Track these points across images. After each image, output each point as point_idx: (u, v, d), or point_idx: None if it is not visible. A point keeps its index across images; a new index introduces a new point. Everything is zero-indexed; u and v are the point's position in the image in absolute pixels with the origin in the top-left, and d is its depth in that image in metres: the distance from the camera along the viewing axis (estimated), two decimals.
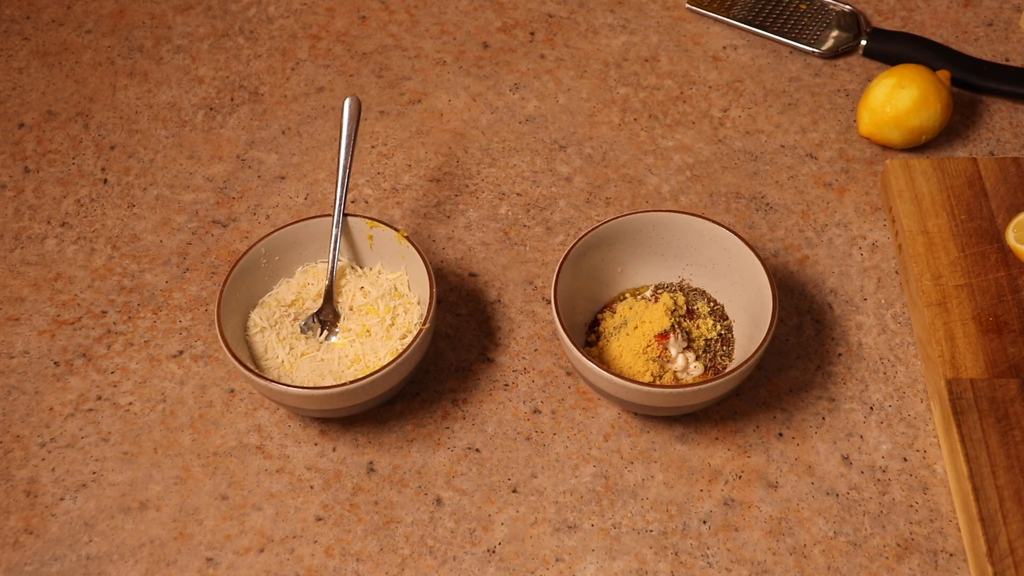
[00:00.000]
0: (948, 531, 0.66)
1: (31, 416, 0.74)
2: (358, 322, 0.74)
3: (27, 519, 0.70)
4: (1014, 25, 0.95)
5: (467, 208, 0.85)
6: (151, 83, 0.95)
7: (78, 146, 0.91)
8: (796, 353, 0.75)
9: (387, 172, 0.88)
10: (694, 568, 0.66)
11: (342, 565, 0.67)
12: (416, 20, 0.99)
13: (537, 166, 0.87)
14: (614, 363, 0.71)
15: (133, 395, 0.75)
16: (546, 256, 0.82)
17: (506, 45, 0.97)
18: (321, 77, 0.95)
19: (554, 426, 0.72)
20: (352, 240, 0.76)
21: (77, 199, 0.87)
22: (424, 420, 0.73)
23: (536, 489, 0.70)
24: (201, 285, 0.81)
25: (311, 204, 0.86)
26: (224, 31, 0.99)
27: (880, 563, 0.65)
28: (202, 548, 0.68)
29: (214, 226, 0.85)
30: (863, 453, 0.70)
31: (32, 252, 0.84)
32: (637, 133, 0.89)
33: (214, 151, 0.90)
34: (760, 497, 0.68)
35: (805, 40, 0.94)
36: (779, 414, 0.72)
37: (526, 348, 0.76)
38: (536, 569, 0.66)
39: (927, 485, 0.69)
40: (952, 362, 0.70)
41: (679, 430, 0.72)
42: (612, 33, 0.97)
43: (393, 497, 0.70)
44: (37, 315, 0.80)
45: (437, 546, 0.67)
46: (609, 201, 0.84)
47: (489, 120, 0.91)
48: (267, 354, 0.73)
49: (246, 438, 0.73)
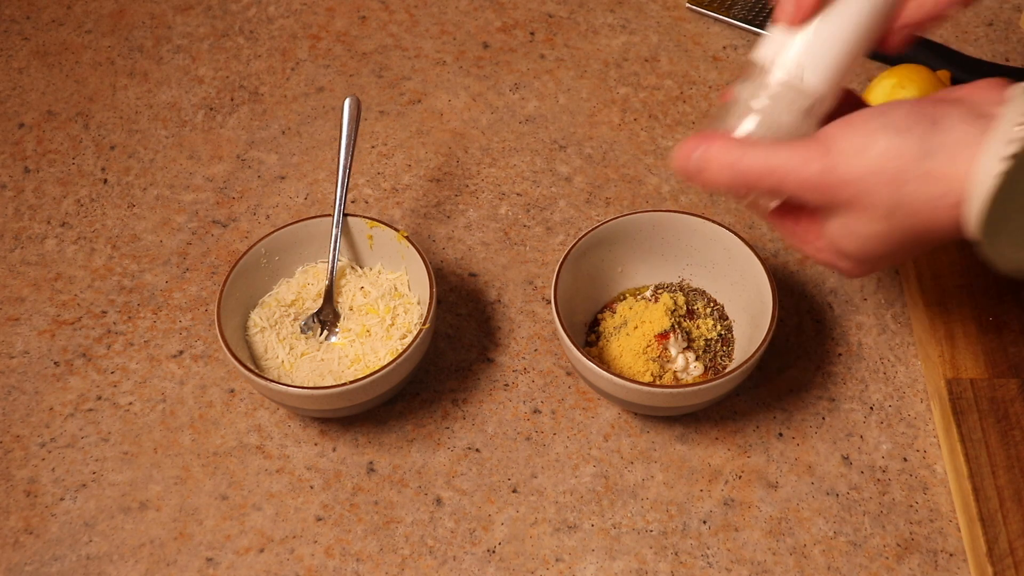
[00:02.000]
0: (948, 531, 0.67)
1: (31, 416, 0.74)
2: (358, 322, 0.74)
3: (27, 519, 0.70)
4: (1014, 25, 0.95)
5: (467, 208, 0.85)
6: (151, 83, 0.95)
7: (78, 146, 0.91)
8: (796, 353, 0.75)
9: (387, 172, 0.88)
10: (694, 568, 0.66)
11: (342, 565, 0.67)
12: (416, 20, 0.99)
13: (537, 166, 0.87)
14: (614, 363, 0.71)
15: (133, 395, 0.75)
16: (546, 256, 0.82)
17: (506, 45, 0.97)
18: (321, 77, 0.95)
19: (554, 426, 0.72)
20: (352, 240, 0.76)
21: (77, 199, 0.87)
22: (424, 420, 0.73)
23: (536, 489, 0.70)
24: (201, 285, 0.81)
25: (311, 204, 0.86)
26: (224, 31, 0.99)
27: (880, 563, 0.65)
28: (202, 548, 0.68)
29: (214, 226, 0.85)
30: (863, 453, 0.70)
31: (32, 252, 0.84)
32: (637, 133, 0.89)
33: (214, 151, 0.90)
34: (760, 497, 0.68)
35: None
36: (779, 414, 0.72)
37: (526, 348, 0.76)
38: (536, 569, 0.66)
39: (927, 485, 0.69)
40: (952, 362, 0.70)
41: (679, 430, 0.72)
42: (612, 33, 0.97)
43: (393, 497, 0.70)
44: (37, 315, 0.80)
45: (437, 546, 0.67)
46: (609, 201, 0.85)
47: (489, 120, 0.91)
48: (267, 354, 0.73)
49: (246, 438, 0.73)
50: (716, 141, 0.56)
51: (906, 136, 0.50)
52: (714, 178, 0.55)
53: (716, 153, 0.55)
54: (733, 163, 0.54)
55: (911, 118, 0.50)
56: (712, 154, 0.55)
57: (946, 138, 0.49)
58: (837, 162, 0.51)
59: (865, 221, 0.52)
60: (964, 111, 0.50)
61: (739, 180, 0.55)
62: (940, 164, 0.49)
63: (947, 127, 0.49)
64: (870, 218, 0.52)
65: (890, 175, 0.50)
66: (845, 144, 0.51)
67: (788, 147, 0.53)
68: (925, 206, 0.50)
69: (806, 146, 0.53)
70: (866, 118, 0.52)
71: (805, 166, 0.52)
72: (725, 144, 0.55)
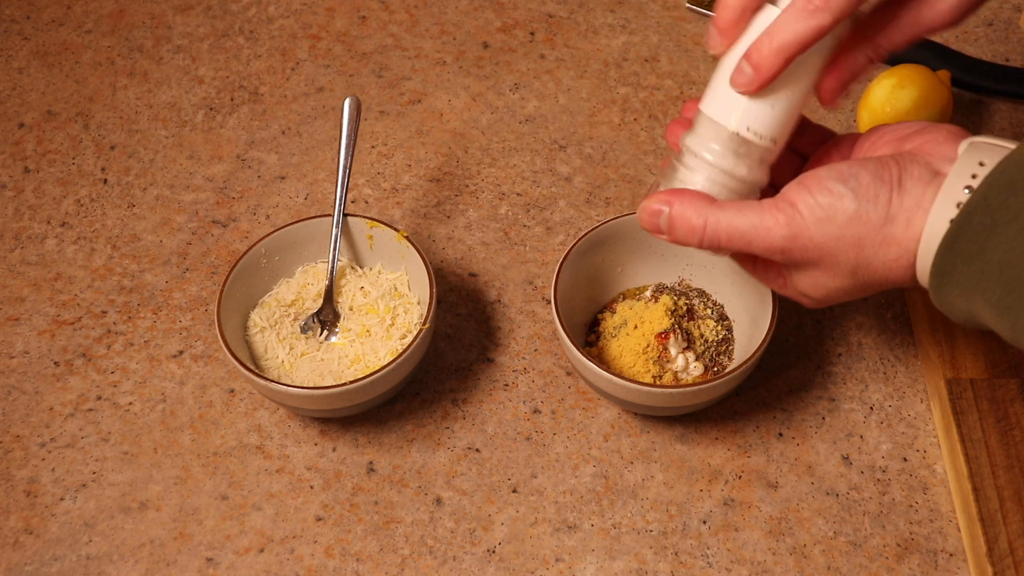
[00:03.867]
0: (948, 531, 0.67)
1: (31, 416, 0.74)
2: (358, 322, 0.74)
3: (27, 519, 0.70)
4: (1014, 25, 0.95)
5: (467, 208, 0.85)
6: (151, 83, 0.95)
7: (78, 146, 0.91)
8: (796, 353, 0.75)
9: (387, 172, 0.88)
10: (694, 568, 0.66)
11: (342, 565, 0.67)
12: (416, 20, 0.99)
13: (537, 166, 0.87)
14: (614, 363, 0.71)
15: (133, 395, 0.75)
16: (546, 256, 0.82)
17: (506, 45, 0.97)
18: (321, 77, 0.95)
19: (554, 426, 0.72)
20: (352, 240, 0.76)
21: (77, 199, 0.87)
22: (424, 420, 0.73)
23: (536, 489, 0.70)
24: (201, 285, 0.81)
25: (311, 204, 0.86)
26: (224, 31, 0.99)
27: (880, 563, 0.65)
28: (202, 548, 0.68)
29: (214, 226, 0.85)
30: (863, 453, 0.70)
31: (32, 252, 0.84)
32: (637, 133, 0.89)
33: (214, 151, 0.90)
34: (760, 497, 0.68)
35: None
36: (779, 414, 0.72)
37: (526, 348, 0.76)
38: (536, 569, 0.66)
39: (927, 485, 0.69)
40: (952, 362, 0.70)
41: (679, 430, 0.72)
42: (612, 33, 0.97)
43: (393, 497, 0.70)
44: (37, 315, 0.80)
45: (437, 546, 0.67)
46: (609, 201, 0.85)
47: (489, 120, 0.91)
48: (267, 354, 0.73)
49: (246, 438, 0.73)
50: (681, 202, 0.58)
51: (872, 204, 0.53)
52: (682, 239, 0.58)
53: (682, 215, 0.57)
54: (699, 228, 0.57)
55: (876, 185, 0.53)
56: (677, 216, 0.57)
57: (905, 201, 0.52)
58: (802, 227, 0.54)
59: (830, 277, 0.56)
60: (921, 169, 0.53)
61: (707, 243, 0.57)
62: (898, 230, 0.53)
63: (907, 189, 0.53)
64: (834, 275, 0.56)
65: (853, 240, 0.53)
66: (811, 209, 0.54)
67: (754, 211, 0.56)
68: (883, 267, 0.54)
69: (772, 211, 0.55)
70: (832, 181, 0.54)
71: (771, 232, 0.55)
72: (692, 206, 0.57)
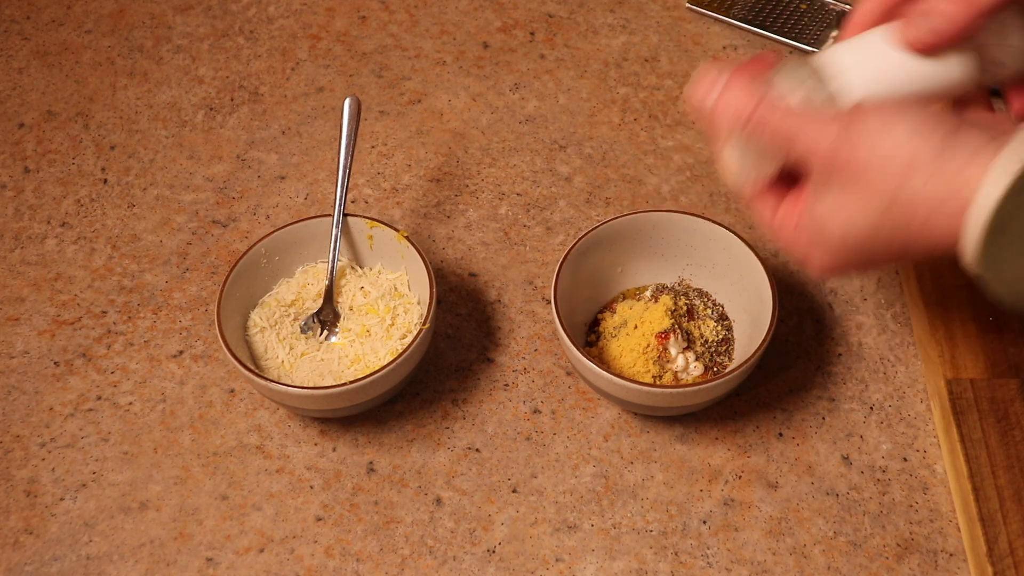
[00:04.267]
0: (948, 531, 0.67)
1: (31, 416, 0.74)
2: (358, 322, 0.74)
3: (27, 519, 0.70)
4: None
5: (467, 208, 0.85)
6: (151, 83, 0.95)
7: (78, 146, 0.91)
8: (796, 353, 0.75)
9: (387, 172, 0.88)
10: (694, 568, 0.66)
11: (342, 565, 0.67)
12: (416, 20, 0.99)
13: (537, 166, 0.87)
14: (614, 363, 0.71)
15: (133, 395, 0.75)
16: (546, 256, 0.82)
17: (506, 45, 0.97)
18: (321, 77, 0.95)
19: (554, 426, 0.72)
20: (352, 240, 0.76)
21: (77, 199, 0.87)
22: (424, 420, 0.73)
23: (536, 489, 0.70)
24: (201, 285, 0.81)
25: (311, 204, 0.86)
26: (224, 31, 0.99)
27: (880, 563, 0.65)
28: (202, 548, 0.68)
29: (214, 226, 0.85)
30: (863, 453, 0.70)
31: (32, 252, 0.84)
32: (637, 133, 0.89)
33: (214, 151, 0.90)
34: (760, 497, 0.68)
35: (805, 40, 0.94)
36: (779, 414, 0.72)
37: (526, 348, 0.76)
38: (536, 569, 0.66)
39: (927, 485, 0.69)
40: (952, 362, 0.70)
41: (679, 430, 0.72)
42: (612, 33, 0.97)
43: (393, 497, 0.70)
44: (37, 315, 0.80)
45: (437, 546, 0.67)
46: (609, 201, 0.85)
47: (489, 120, 0.91)
48: (267, 354, 0.73)
49: (246, 438, 0.73)
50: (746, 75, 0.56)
51: (928, 134, 0.50)
52: (733, 101, 0.55)
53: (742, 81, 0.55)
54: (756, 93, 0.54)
55: (935, 120, 0.51)
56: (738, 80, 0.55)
57: (964, 145, 0.49)
58: (855, 134, 0.52)
59: (861, 206, 0.52)
60: (982, 129, 0.51)
61: (756, 113, 0.54)
62: (953, 166, 0.49)
63: (965, 137, 0.50)
64: (866, 205, 0.52)
65: (902, 163, 0.50)
66: (869, 121, 0.52)
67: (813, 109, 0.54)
68: (924, 205, 0.50)
69: (830, 113, 0.54)
70: (895, 108, 0.52)
71: (824, 127, 0.53)
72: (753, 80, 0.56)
